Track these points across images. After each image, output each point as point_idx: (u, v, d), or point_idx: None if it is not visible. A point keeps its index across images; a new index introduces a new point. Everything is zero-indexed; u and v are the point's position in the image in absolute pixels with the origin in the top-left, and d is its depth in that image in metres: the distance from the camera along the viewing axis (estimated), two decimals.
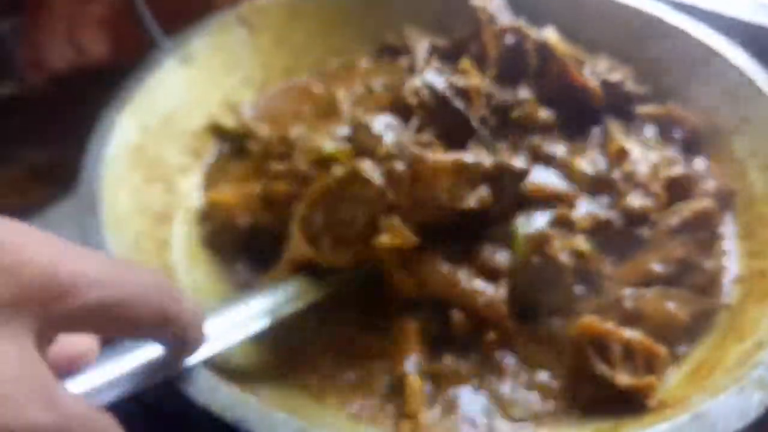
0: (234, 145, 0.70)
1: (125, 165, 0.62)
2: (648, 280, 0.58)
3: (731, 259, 0.61)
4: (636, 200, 0.61)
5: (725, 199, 0.64)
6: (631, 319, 0.55)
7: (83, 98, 0.65)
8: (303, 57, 0.78)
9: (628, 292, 0.57)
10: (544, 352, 0.55)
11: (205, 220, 0.65)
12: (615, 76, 0.71)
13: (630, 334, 0.52)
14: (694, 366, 0.54)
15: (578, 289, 0.57)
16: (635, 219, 0.61)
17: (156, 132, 0.66)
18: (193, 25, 0.73)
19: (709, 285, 0.58)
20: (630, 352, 0.52)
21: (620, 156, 0.65)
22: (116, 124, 0.63)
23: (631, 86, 0.71)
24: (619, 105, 0.70)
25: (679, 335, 0.56)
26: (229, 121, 0.71)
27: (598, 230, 0.59)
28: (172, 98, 0.69)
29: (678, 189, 0.63)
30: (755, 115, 0.65)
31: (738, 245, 0.62)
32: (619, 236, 0.60)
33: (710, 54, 0.70)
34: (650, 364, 0.51)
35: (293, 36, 0.77)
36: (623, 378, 0.51)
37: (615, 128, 0.69)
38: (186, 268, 0.60)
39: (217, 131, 0.71)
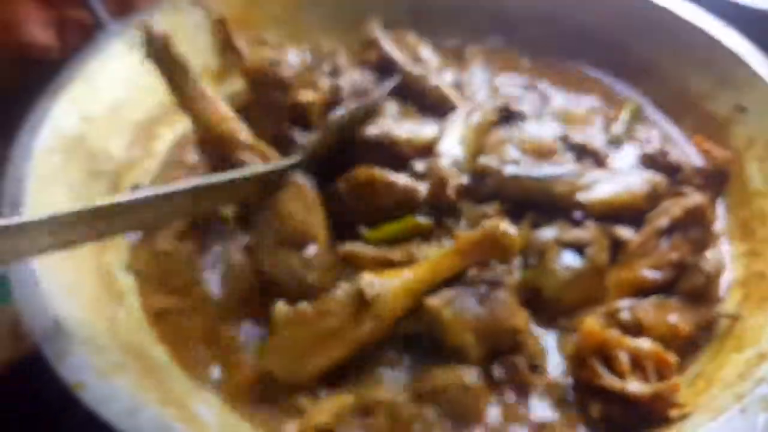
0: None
1: (62, 158, 0.56)
2: (642, 289, 0.52)
3: (728, 260, 0.56)
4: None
5: (718, 181, 0.57)
6: (631, 331, 0.48)
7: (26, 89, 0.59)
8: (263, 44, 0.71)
9: (623, 303, 0.51)
10: None
11: None
12: None
13: (638, 342, 0.46)
14: (689, 379, 0.48)
15: None
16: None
17: (100, 122, 0.60)
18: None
19: (708, 288, 0.52)
20: (637, 362, 0.46)
21: None
22: (52, 112, 0.57)
23: None
24: None
25: (682, 348, 0.49)
26: None
27: None
28: (119, 86, 0.62)
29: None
30: (751, 103, 0.60)
31: (736, 246, 0.57)
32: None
33: (705, 38, 0.64)
34: (661, 374, 0.45)
35: (254, 19, 0.71)
36: (638, 387, 0.44)
37: None
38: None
39: None
